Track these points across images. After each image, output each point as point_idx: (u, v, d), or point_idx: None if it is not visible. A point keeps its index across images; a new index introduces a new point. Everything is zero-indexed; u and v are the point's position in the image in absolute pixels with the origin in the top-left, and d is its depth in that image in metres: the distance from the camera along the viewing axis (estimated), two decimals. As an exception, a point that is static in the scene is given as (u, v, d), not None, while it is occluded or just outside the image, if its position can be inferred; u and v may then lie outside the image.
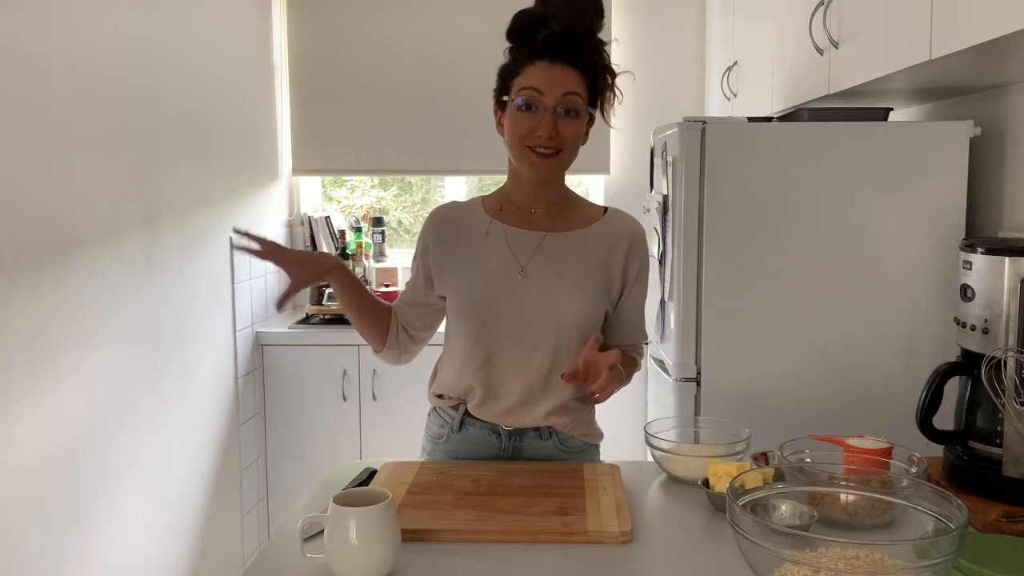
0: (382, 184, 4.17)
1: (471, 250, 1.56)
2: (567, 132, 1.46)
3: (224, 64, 3.10)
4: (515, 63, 1.48)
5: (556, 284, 1.53)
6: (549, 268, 1.53)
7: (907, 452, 1.38)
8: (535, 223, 1.56)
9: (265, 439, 3.39)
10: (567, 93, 1.44)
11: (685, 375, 2.16)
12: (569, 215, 1.58)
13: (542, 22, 1.44)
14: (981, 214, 2.11)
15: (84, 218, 2.20)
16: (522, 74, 1.46)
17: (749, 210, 2.09)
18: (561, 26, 1.43)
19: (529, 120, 1.45)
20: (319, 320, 3.49)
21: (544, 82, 1.44)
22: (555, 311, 1.52)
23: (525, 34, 1.47)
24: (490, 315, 1.53)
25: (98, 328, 2.25)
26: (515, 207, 1.58)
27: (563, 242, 1.55)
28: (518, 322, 1.52)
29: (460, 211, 1.62)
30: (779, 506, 1.27)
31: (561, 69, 1.44)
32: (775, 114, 2.50)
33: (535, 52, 1.45)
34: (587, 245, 1.56)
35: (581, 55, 1.46)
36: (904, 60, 1.70)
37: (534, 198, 1.56)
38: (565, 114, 1.45)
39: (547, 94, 1.44)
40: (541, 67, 1.44)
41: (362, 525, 1.08)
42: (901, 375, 2.06)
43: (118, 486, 2.34)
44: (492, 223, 1.57)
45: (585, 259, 1.55)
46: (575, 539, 1.23)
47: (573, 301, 1.53)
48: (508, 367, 1.54)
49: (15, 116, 1.93)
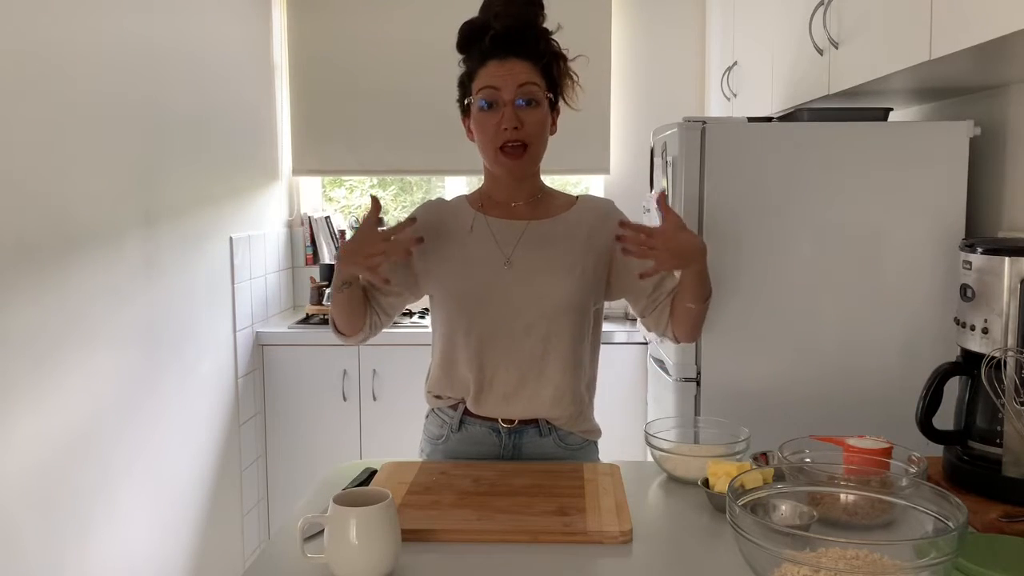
0: (381, 184, 4.17)
1: (456, 245, 1.59)
2: (530, 122, 1.50)
3: (224, 64, 3.10)
4: (469, 69, 1.54)
5: (542, 270, 1.56)
6: (534, 255, 1.57)
7: (907, 452, 1.38)
8: (517, 214, 1.61)
9: (265, 439, 3.39)
10: (523, 84, 1.49)
11: (685, 375, 2.16)
12: (547, 203, 1.63)
13: (486, 26, 1.50)
14: (981, 214, 2.11)
15: (84, 218, 2.20)
16: (477, 77, 1.52)
17: (749, 210, 2.09)
18: (503, 24, 1.48)
19: (492, 118, 1.50)
20: (319, 320, 3.49)
21: (498, 79, 1.49)
22: (542, 297, 1.55)
23: (473, 41, 1.53)
24: (478, 306, 1.56)
25: (98, 328, 2.25)
26: (496, 202, 1.62)
27: (545, 229, 1.59)
28: (507, 311, 1.55)
29: (444, 209, 1.65)
30: (779, 506, 1.27)
31: (512, 63, 1.49)
32: (775, 114, 2.50)
33: (485, 53, 1.51)
34: (568, 229, 1.60)
35: (529, 46, 1.51)
36: (904, 60, 1.70)
37: (512, 194, 1.61)
38: (526, 104, 1.50)
39: (503, 88, 1.49)
40: (493, 66, 1.50)
41: (362, 525, 1.08)
42: (901, 375, 2.06)
43: (118, 486, 2.34)
44: (476, 217, 1.60)
45: (569, 243, 1.58)
46: (575, 539, 1.23)
47: (560, 285, 1.56)
48: (501, 356, 1.56)
49: (16, 116, 1.93)
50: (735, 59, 3.08)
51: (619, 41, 3.74)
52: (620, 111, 3.77)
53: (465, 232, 1.59)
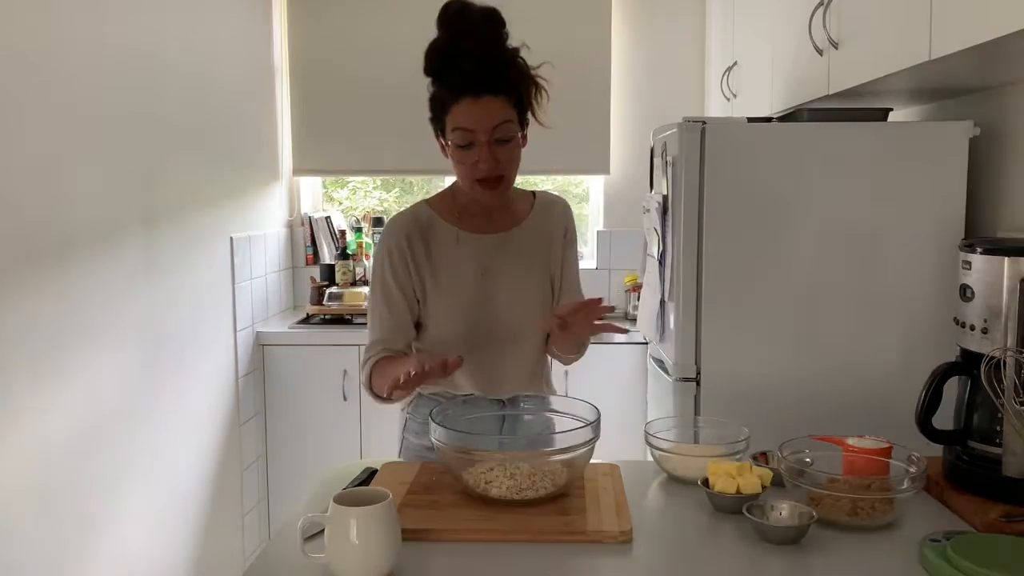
0: (384, 186, 4.17)
1: (443, 261, 1.64)
2: (506, 157, 1.54)
3: (225, 65, 3.10)
4: (441, 100, 1.54)
5: (518, 277, 1.65)
6: (509, 264, 1.65)
7: (907, 452, 1.38)
8: (493, 225, 1.67)
9: (265, 439, 3.39)
10: (498, 125, 1.51)
11: (685, 375, 2.16)
12: (513, 209, 1.69)
13: (454, 61, 1.49)
14: (980, 214, 2.11)
15: (85, 218, 2.20)
16: (451, 113, 1.52)
17: (749, 210, 2.09)
18: (473, 65, 1.48)
19: (469, 156, 1.53)
20: (319, 320, 3.49)
21: (473, 120, 1.50)
22: (523, 303, 1.65)
23: (442, 71, 1.52)
24: (468, 318, 1.63)
25: (99, 328, 2.25)
26: (472, 214, 1.66)
27: (515, 238, 1.67)
28: (493, 320, 1.63)
29: (422, 226, 1.66)
30: (778, 507, 1.27)
31: (486, 102, 1.50)
32: (775, 114, 2.50)
33: (456, 91, 1.51)
34: (534, 235, 1.69)
35: (500, 82, 1.51)
36: (904, 60, 1.70)
37: (487, 209, 1.66)
38: (501, 142, 1.52)
39: (478, 130, 1.50)
40: (466, 104, 1.50)
41: (362, 525, 1.08)
42: (901, 375, 2.06)
43: (118, 486, 2.34)
44: (460, 233, 1.65)
45: (536, 249, 1.68)
46: (575, 539, 1.23)
47: (535, 289, 1.67)
48: (494, 363, 1.64)
49: (17, 117, 1.93)
50: (735, 59, 3.08)
51: (619, 41, 3.74)
52: (620, 111, 3.77)
53: (452, 246, 1.65)
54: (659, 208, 2.27)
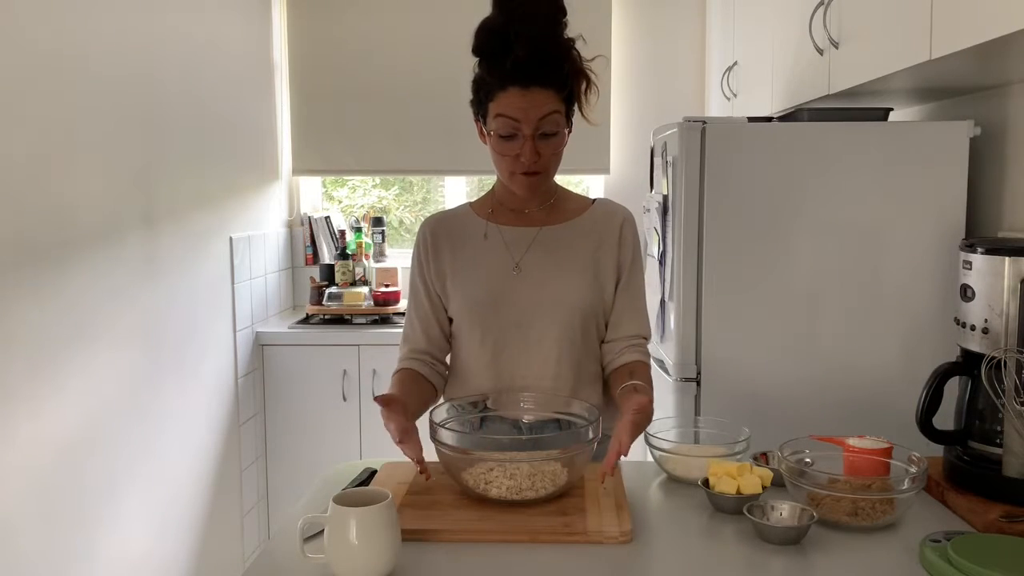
0: (383, 184, 4.17)
1: (469, 255, 1.58)
2: (549, 151, 1.48)
3: (224, 64, 3.10)
4: (487, 85, 1.46)
5: (551, 275, 1.55)
6: (544, 260, 1.56)
7: (907, 452, 1.38)
8: (529, 220, 1.59)
9: (265, 439, 3.39)
10: (544, 116, 1.44)
11: (685, 375, 2.16)
12: (560, 207, 1.62)
13: (507, 45, 1.40)
14: (981, 214, 2.11)
15: (84, 218, 2.20)
16: (496, 99, 1.44)
17: (749, 210, 2.09)
18: (527, 51, 1.39)
19: (511, 147, 1.47)
20: (319, 320, 3.49)
21: (519, 110, 1.43)
22: (553, 301, 1.54)
23: (492, 54, 1.43)
24: (490, 314, 1.55)
25: (99, 328, 2.25)
26: (508, 209, 1.61)
27: (556, 234, 1.58)
28: (518, 317, 1.55)
29: (450, 221, 1.63)
30: (779, 507, 1.27)
31: (534, 93, 1.42)
32: (775, 114, 2.50)
33: (505, 78, 1.42)
34: (580, 234, 1.59)
35: (552, 73, 1.43)
36: (904, 60, 1.70)
37: (525, 202, 1.60)
38: (545, 135, 1.46)
39: (524, 121, 1.43)
40: (514, 94, 1.42)
41: (362, 525, 1.08)
42: (901, 375, 2.06)
43: (118, 486, 2.34)
44: (488, 226, 1.59)
45: (579, 247, 1.57)
46: (575, 539, 1.23)
47: (570, 288, 1.55)
48: (515, 362, 1.56)
49: (16, 116, 1.93)
50: (735, 59, 3.07)
51: (619, 41, 3.74)
52: (620, 111, 3.77)
53: (479, 240, 1.59)
54: (659, 208, 2.27)
